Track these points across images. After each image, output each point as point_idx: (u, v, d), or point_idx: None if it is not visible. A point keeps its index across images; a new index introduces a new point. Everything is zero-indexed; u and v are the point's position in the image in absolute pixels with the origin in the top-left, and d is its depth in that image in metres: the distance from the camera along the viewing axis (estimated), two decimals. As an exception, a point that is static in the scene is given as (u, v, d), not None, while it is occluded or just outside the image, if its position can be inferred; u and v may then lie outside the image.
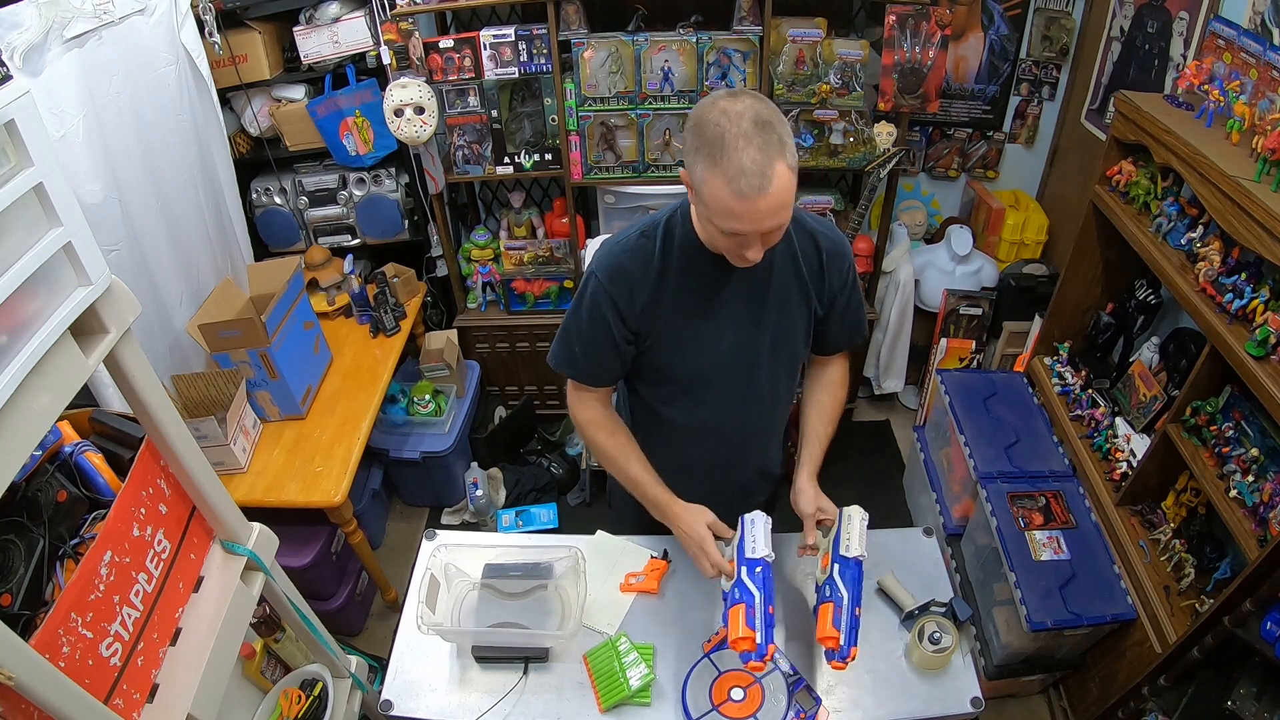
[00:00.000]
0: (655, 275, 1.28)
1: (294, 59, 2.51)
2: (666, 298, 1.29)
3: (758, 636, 1.18)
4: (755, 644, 1.17)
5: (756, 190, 1.06)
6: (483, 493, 2.75)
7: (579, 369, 1.39)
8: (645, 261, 1.28)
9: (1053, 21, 2.71)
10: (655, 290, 1.29)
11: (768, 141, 1.06)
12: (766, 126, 1.06)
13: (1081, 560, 1.92)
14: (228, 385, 2.13)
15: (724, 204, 1.10)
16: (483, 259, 2.88)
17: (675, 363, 1.36)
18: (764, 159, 1.05)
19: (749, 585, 1.23)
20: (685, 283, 1.29)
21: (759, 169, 1.05)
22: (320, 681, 1.69)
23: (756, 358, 1.37)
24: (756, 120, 1.06)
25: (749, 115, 1.06)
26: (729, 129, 1.06)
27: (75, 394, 1.02)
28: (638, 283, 1.28)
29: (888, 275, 2.97)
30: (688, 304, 1.30)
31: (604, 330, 1.32)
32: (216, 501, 1.34)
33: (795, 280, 1.33)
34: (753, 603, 1.21)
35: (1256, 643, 1.40)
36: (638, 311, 1.30)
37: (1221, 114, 1.71)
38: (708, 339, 1.33)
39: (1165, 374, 2.02)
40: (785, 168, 1.07)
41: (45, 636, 0.97)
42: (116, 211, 1.96)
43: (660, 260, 1.28)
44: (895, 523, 2.58)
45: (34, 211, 0.94)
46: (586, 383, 1.42)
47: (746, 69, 2.41)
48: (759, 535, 1.29)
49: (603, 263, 1.30)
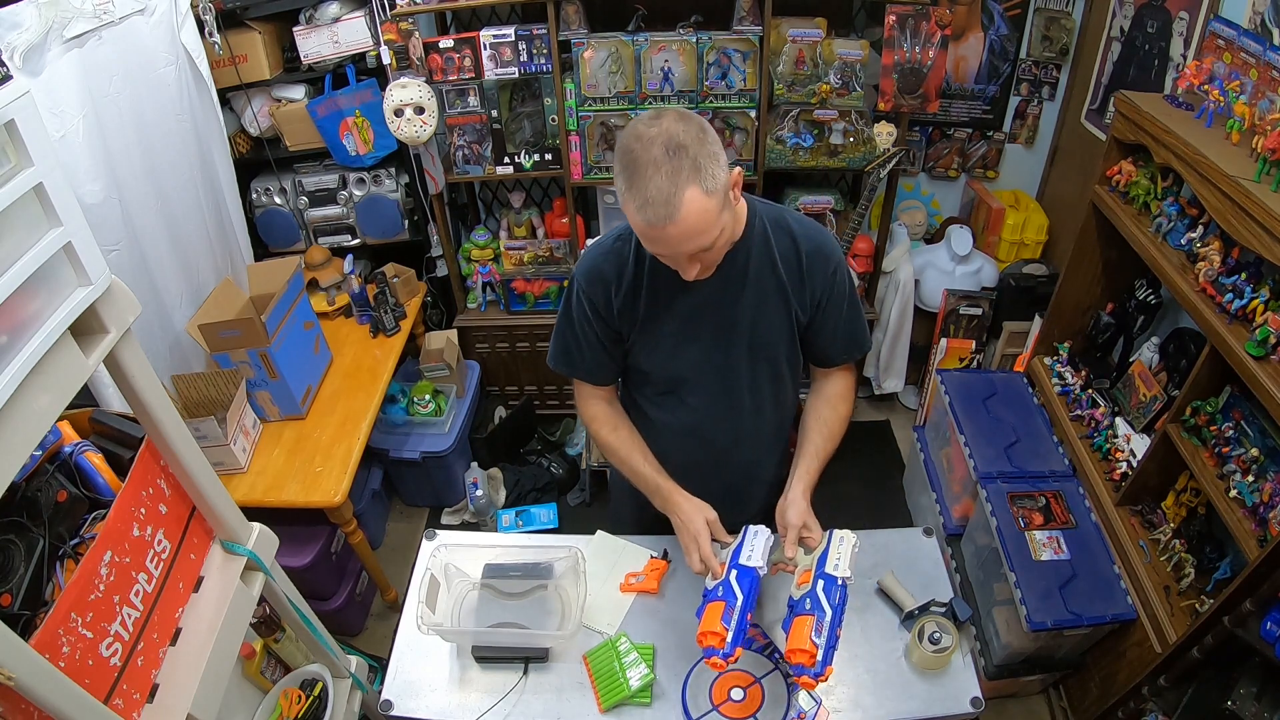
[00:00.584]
0: (629, 279, 1.30)
1: (294, 59, 2.51)
2: (641, 301, 1.31)
3: (729, 635, 1.17)
4: (724, 641, 1.16)
5: (664, 219, 1.06)
6: (483, 493, 2.75)
7: (574, 368, 1.43)
8: (620, 265, 1.30)
9: (1053, 21, 2.71)
10: (630, 293, 1.31)
11: (677, 168, 1.04)
12: (678, 151, 1.04)
13: (1081, 560, 1.92)
14: (228, 385, 2.13)
15: (639, 230, 1.11)
16: (483, 259, 2.88)
17: (653, 365, 1.39)
18: (670, 187, 1.04)
19: (734, 587, 1.22)
20: (658, 286, 1.30)
21: (664, 197, 1.04)
22: (320, 681, 1.69)
23: (733, 363, 1.36)
24: (669, 145, 1.04)
25: (661, 140, 1.05)
26: (640, 155, 1.05)
27: (75, 394, 1.02)
28: (612, 285, 1.31)
29: (888, 275, 2.97)
30: (661, 308, 1.31)
31: (588, 330, 1.36)
32: (216, 501, 1.34)
33: (773, 284, 1.31)
34: (734, 604, 1.20)
35: (1256, 643, 1.40)
36: (615, 313, 1.33)
37: (1221, 114, 1.71)
38: (681, 343, 1.34)
39: (1165, 374, 2.02)
40: (698, 193, 1.05)
41: (45, 636, 0.97)
42: (116, 211, 1.96)
43: (634, 264, 1.29)
44: (895, 523, 2.59)
45: (34, 211, 0.94)
46: (584, 380, 1.46)
47: (746, 69, 2.41)
48: (758, 547, 1.29)
49: (581, 265, 1.35)
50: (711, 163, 1.07)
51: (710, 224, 1.10)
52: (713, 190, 1.07)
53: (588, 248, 1.37)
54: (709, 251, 1.15)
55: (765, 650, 1.38)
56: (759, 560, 1.26)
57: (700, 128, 1.09)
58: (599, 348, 1.38)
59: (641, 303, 1.31)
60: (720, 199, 1.10)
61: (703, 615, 1.21)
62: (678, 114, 1.09)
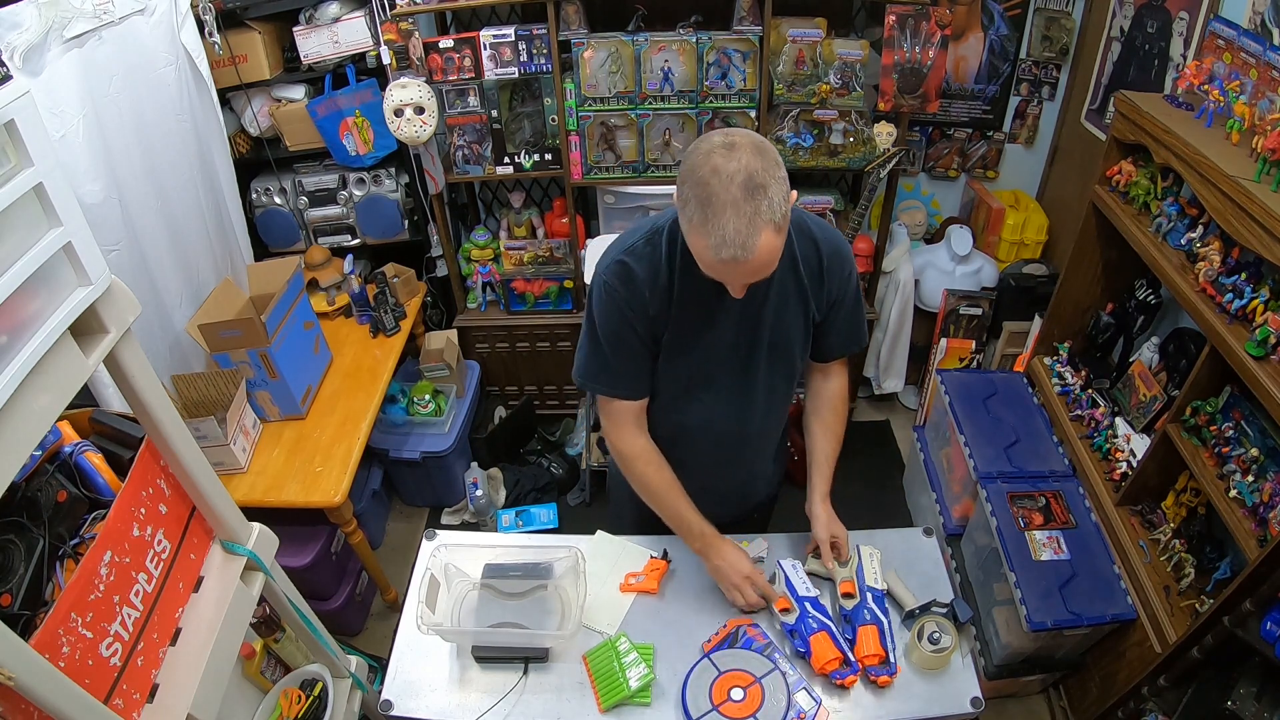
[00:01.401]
0: (664, 281, 1.28)
1: (294, 59, 2.51)
2: (674, 302, 1.30)
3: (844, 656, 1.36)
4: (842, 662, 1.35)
5: (739, 259, 1.06)
6: (483, 493, 2.75)
7: (614, 379, 1.37)
8: (654, 268, 1.28)
9: (1053, 21, 2.71)
10: (665, 296, 1.29)
11: (756, 210, 1.04)
12: (757, 192, 1.04)
13: (1081, 560, 1.92)
14: (228, 385, 2.13)
15: (705, 261, 1.11)
16: (483, 259, 2.88)
17: (677, 365, 1.37)
18: (749, 229, 1.04)
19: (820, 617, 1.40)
20: (689, 286, 1.29)
21: (742, 240, 1.04)
22: (320, 681, 1.69)
23: (754, 360, 1.37)
24: (748, 185, 1.03)
25: (740, 179, 1.03)
26: (718, 192, 1.04)
27: (75, 394, 1.02)
28: (649, 288, 1.28)
29: (888, 275, 2.97)
30: (691, 307, 1.30)
31: (627, 336, 1.31)
32: (216, 501, 1.34)
33: (794, 284, 1.33)
34: (830, 629, 1.38)
35: (1256, 643, 1.40)
36: (650, 316, 1.30)
37: (1221, 114, 1.71)
38: (708, 341, 1.34)
39: (1165, 374, 2.02)
40: (771, 233, 1.06)
41: (45, 636, 0.97)
42: (116, 211, 1.96)
43: (667, 265, 1.28)
44: (895, 523, 2.58)
45: (34, 211, 0.94)
46: (623, 394, 1.39)
47: (746, 69, 2.41)
48: (802, 577, 1.47)
49: (610, 270, 1.29)
50: (784, 201, 1.07)
51: (775, 259, 1.12)
52: (783, 226, 1.09)
53: (612, 251, 1.31)
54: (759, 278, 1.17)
55: (765, 650, 1.39)
56: (812, 587, 1.45)
57: (776, 162, 1.08)
58: (637, 354, 1.34)
59: (674, 305, 1.30)
60: (786, 229, 1.11)
61: (811, 649, 1.36)
62: (754, 147, 1.07)
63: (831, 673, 1.33)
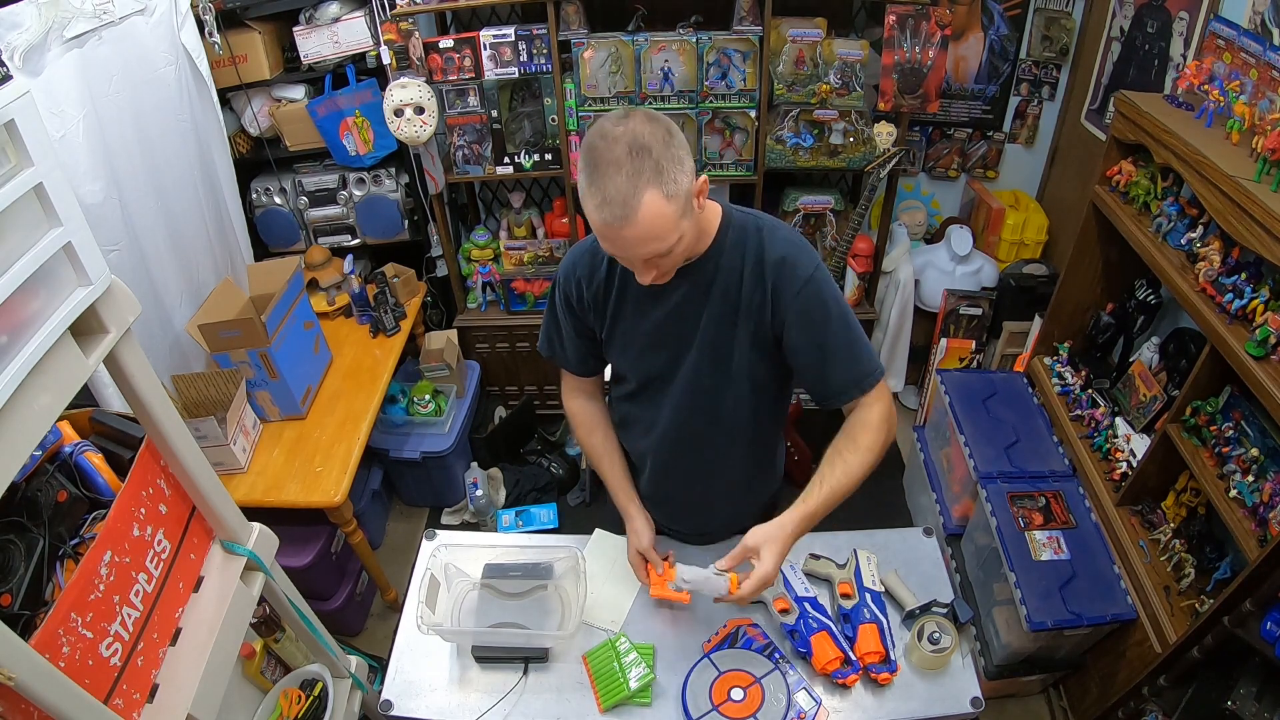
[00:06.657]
0: (602, 277, 1.31)
1: (294, 59, 2.51)
2: (610, 301, 1.32)
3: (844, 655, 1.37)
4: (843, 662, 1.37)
5: (620, 220, 1.04)
6: (483, 493, 2.75)
7: (557, 355, 1.48)
8: (594, 264, 1.32)
9: (1053, 21, 2.71)
10: (601, 292, 1.32)
11: (638, 169, 1.03)
12: (641, 152, 1.03)
13: (1081, 560, 1.92)
14: (228, 385, 2.13)
15: (596, 228, 1.10)
16: (483, 259, 2.88)
17: (623, 364, 1.42)
18: (629, 188, 1.03)
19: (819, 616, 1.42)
20: (628, 289, 1.30)
21: (622, 198, 1.03)
22: (320, 681, 1.68)
23: (698, 372, 1.32)
24: (632, 145, 1.03)
25: (625, 140, 1.03)
26: (603, 153, 1.04)
27: (75, 394, 1.02)
28: (585, 282, 1.33)
29: (888, 275, 2.97)
30: (630, 310, 1.32)
31: (568, 322, 1.40)
32: (216, 501, 1.34)
33: (735, 296, 1.25)
34: (830, 628, 1.40)
35: (1256, 643, 1.40)
36: (586, 308, 1.35)
37: (1221, 114, 1.71)
38: (647, 348, 1.34)
39: (1165, 374, 2.02)
40: (657, 196, 1.04)
41: (45, 636, 0.97)
42: (116, 211, 1.96)
43: (607, 265, 1.30)
44: (895, 523, 2.58)
45: (34, 211, 0.94)
46: (568, 369, 1.49)
47: (746, 69, 2.41)
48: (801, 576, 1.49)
49: (563, 261, 1.39)
50: (675, 167, 1.06)
51: (668, 229, 1.08)
52: (673, 195, 1.06)
53: (573, 245, 1.43)
54: (665, 257, 1.12)
55: (765, 650, 1.39)
56: (811, 588, 1.47)
57: (667, 130, 1.07)
58: (576, 341, 1.42)
59: (611, 303, 1.32)
60: (680, 204, 1.08)
61: (813, 649, 1.37)
62: (646, 115, 1.07)
63: (833, 672, 1.34)
